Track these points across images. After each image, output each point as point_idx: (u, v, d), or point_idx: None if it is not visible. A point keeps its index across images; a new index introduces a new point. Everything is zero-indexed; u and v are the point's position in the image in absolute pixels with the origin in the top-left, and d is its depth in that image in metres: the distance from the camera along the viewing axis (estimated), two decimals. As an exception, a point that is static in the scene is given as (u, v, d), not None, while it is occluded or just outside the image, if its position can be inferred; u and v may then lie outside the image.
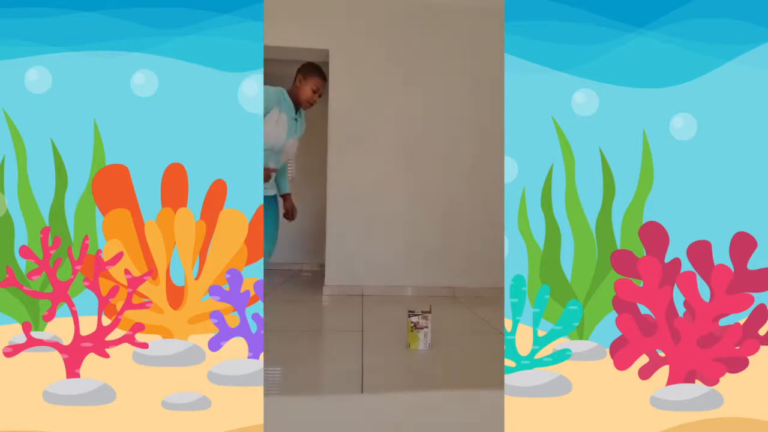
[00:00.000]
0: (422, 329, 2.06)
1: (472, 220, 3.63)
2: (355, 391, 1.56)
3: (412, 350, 2.05)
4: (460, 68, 3.61)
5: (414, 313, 2.07)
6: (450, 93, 3.61)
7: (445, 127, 3.61)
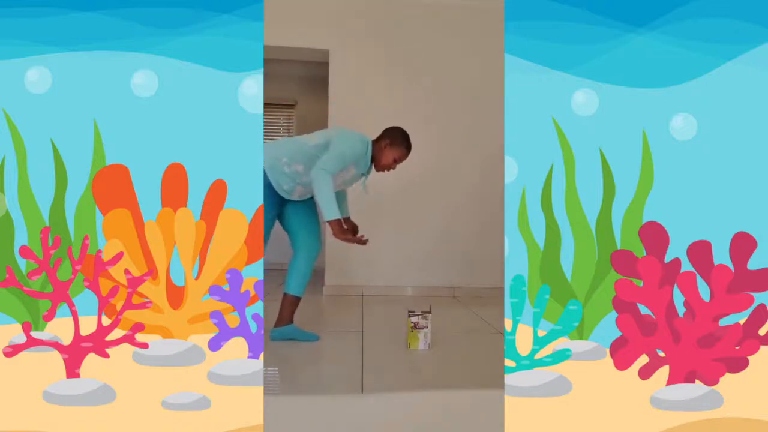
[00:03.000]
0: (422, 329, 2.06)
1: (472, 220, 3.63)
2: (355, 391, 1.56)
3: (412, 350, 2.05)
4: (460, 68, 3.61)
5: (414, 313, 2.07)
6: (450, 93, 3.61)
7: (445, 126, 3.61)
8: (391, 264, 3.60)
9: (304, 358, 1.95)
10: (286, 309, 2.17)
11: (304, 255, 2.19)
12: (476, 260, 3.62)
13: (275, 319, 2.18)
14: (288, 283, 2.18)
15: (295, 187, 2.08)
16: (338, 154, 1.99)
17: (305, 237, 2.20)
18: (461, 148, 3.62)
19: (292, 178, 2.05)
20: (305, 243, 2.20)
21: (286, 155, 2.04)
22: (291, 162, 2.03)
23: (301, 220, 2.20)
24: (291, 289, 2.18)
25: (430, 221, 3.62)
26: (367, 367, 1.81)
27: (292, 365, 1.85)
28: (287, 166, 2.03)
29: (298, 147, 2.06)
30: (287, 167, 2.03)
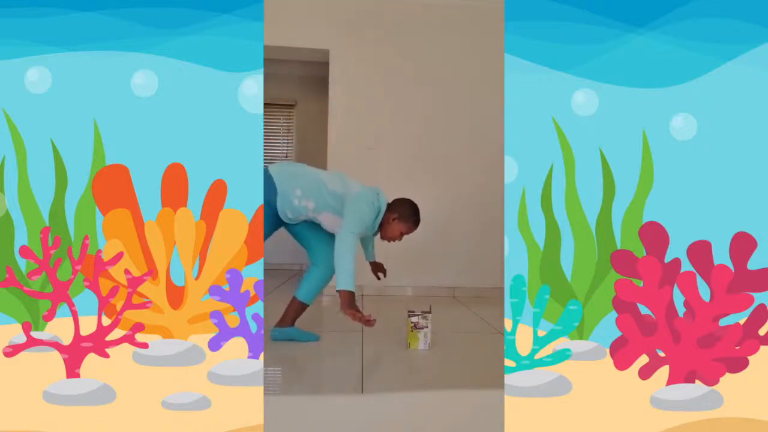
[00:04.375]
0: (422, 329, 2.06)
1: (472, 220, 3.63)
2: (355, 391, 1.56)
3: (412, 350, 2.05)
4: (460, 68, 3.61)
5: (414, 313, 2.07)
6: (450, 92, 3.61)
7: (445, 126, 3.61)
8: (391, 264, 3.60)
9: (304, 358, 1.94)
10: (291, 313, 2.18)
11: (323, 268, 2.18)
12: (476, 260, 3.62)
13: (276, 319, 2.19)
14: (300, 289, 2.18)
15: (298, 217, 2.08)
16: (359, 217, 1.95)
17: (323, 250, 2.18)
18: (461, 148, 3.62)
19: (299, 211, 2.03)
20: (324, 257, 2.18)
21: (301, 188, 2.00)
22: (303, 197, 2.00)
23: (316, 233, 2.19)
24: (302, 296, 2.18)
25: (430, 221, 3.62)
26: (367, 367, 1.81)
27: (292, 365, 1.85)
28: (298, 199, 2.00)
29: (316, 186, 2.02)
30: (297, 200, 2.00)
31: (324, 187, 2.03)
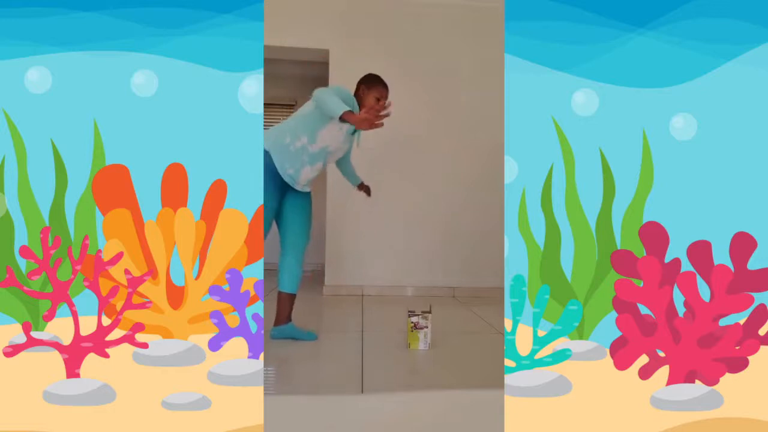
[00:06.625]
0: (422, 329, 2.06)
1: (472, 220, 3.62)
2: (355, 391, 1.56)
3: (412, 350, 2.05)
4: (460, 68, 3.61)
5: (414, 313, 2.07)
6: (450, 92, 3.61)
7: (445, 126, 3.61)
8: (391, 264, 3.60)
9: (304, 358, 1.95)
10: (283, 307, 2.19)
11: (292, 253, 2.21)
12: (476, 260, 3.62)
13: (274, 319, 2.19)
14: (281, 282, 2.20)
15: (301, 168, 2.09)
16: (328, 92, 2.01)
17: (293, 236, 2.21)
18: (461, 148, 3.62)
19: (299, 155, 2.07)
20: (292, 242, 2.21)
21: (289, 134, 2.06)
22: (294, 139, 2.05)
23: (295, 218, 2.21)
24: (284, 287, 2.20)
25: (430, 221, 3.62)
26: (367, 367, 1.81)
27: (291, 365, 1.85)
28: (292, 144, 2.05)
29: (296, 122, 2.09)
30: (293, 146, 2.05)
31: (300, 115, 2.10)
